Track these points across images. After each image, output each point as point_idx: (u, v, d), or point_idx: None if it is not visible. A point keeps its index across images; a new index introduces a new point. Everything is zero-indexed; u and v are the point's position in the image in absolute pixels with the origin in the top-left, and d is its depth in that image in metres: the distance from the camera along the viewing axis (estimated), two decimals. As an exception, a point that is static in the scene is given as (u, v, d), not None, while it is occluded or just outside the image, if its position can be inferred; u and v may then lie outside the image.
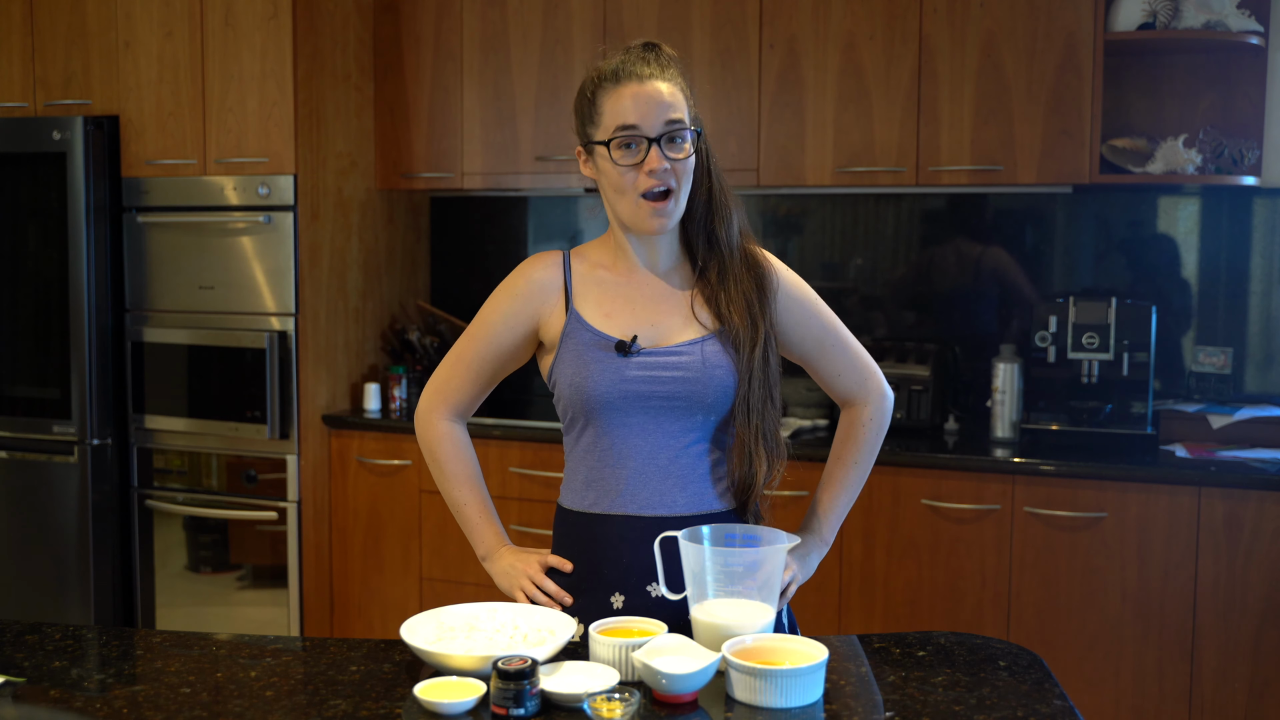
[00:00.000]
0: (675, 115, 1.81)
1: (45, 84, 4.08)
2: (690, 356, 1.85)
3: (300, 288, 3.87)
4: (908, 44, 3.52)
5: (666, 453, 1.85)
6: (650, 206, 1.80)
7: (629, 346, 1.84)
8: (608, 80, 1.83)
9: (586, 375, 1.83)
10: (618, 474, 1.85)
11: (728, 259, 1.88)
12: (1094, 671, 3.21)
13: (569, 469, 1.92)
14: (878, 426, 2.01)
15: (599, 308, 1.88)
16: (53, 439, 4.00)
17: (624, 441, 1.85)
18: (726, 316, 1.86)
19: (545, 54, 3.90)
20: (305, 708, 1.57)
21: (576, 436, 1.90)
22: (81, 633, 1.89)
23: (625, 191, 1.81)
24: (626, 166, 1.80)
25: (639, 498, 1.85)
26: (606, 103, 1.82)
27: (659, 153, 1.79)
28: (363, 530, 3.94)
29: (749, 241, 1.93)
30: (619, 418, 1.84)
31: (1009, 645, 1.80)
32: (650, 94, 1.80)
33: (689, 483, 1.86)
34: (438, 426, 2.03)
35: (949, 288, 3.85)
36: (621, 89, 1.81)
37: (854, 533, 3.40)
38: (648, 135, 1.79)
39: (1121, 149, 3.48)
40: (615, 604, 1.85)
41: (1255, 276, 3.59)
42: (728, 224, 1.89)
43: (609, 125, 1.81)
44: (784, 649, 1.60)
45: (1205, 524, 3.11)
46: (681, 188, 1.82)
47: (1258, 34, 3.36)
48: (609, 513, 1.86)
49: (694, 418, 1.85)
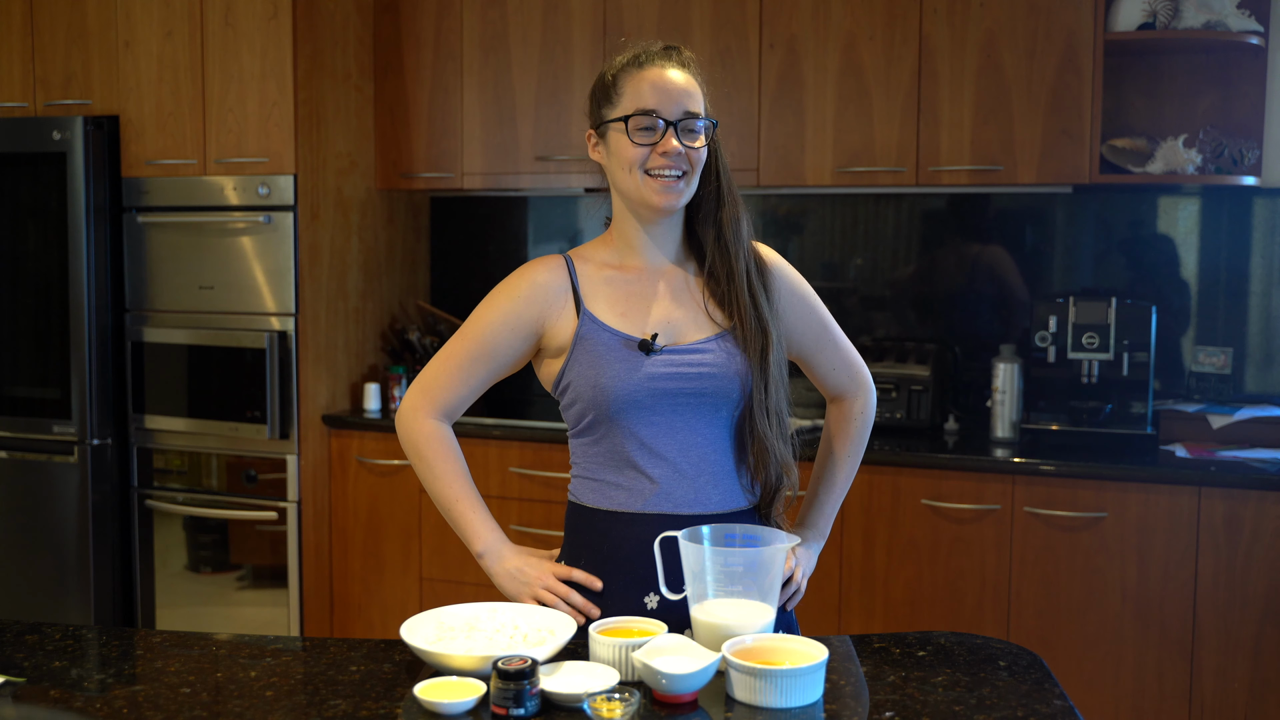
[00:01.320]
0: (693, 107, 1.84)
1: (45, 84, 4.09)
2: (712, 354, 1.85)
3: (300, 288, 3.87)
4: (908, 44, 3.52)
5: (698, 450, 1.85)
6: (660, 182, 1.82)
7: (652, 345, 1.84)
8: (631, 65, 1.86)
9: (610, 376, 1.82)
10: (650, 473, 1.84)
11: (735, 257, 1.89)
12: (1094, 671, 3.21)
13: (584, 468, 1.90)
14: (866, 420, 2.05)
15: (612, 307, 1.87)
16: (53, 439, 4.00)
17: (654, 441, 1.84)
18: (737, 316, 1.86)
19: (545, 54, 3.90)
20: (305, 708, 1.57)
21: (596, 438, 1.87)
22: (81, 633, 1.89)
23: (635, 169, 1.83)
24: (641, 145, 1.82)
25: (674, 496, 1.84)
26: (628, 85, 1.85)
27: (675, 137, 1.81)
28: (363, 530, 3.94)
29: (751, 239, 1.94)
30: (645, 416, 1.83)
31: (1009, 645, 1.80)
32: (671, 81, 1.84)
33: (720, 479, 1.86)
34: (424, 424, 1.94)
35: (949, 288, 3.85)
36: (644, 73, 1.84)
37: (854, 533, 3.40)
38: (666, 119, 1.82)
39: (1121, 149, 3.48)
40: (650, 604, 1.83)
41: (1255, 276, 3.59)
42: (736, 221, 1.90)
43: (628, 106, 1.83)
44: (784, 649, 1.60)
45: (1205, 524, 3.11)
46: (693, 174, 1.85)
47: (1258, 34, 3.36)
48: (643, 512, 1.84)
49: (720, 414, 1.86)
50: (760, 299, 1.88)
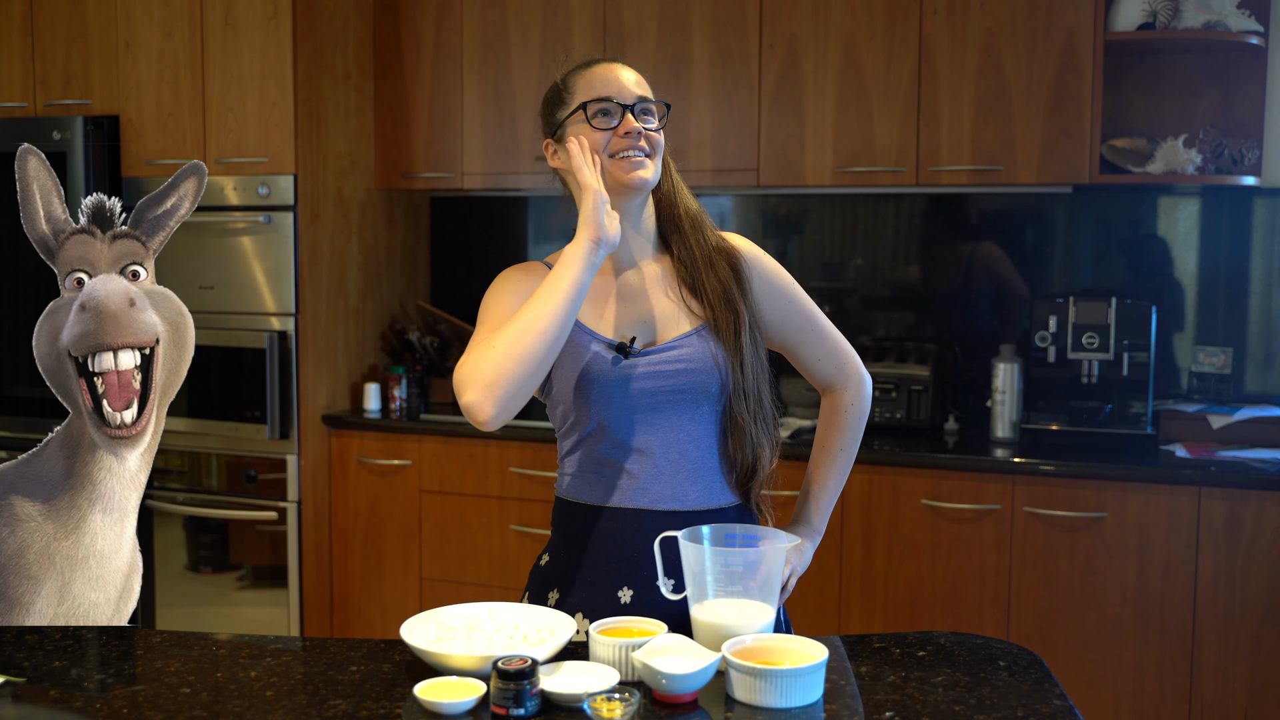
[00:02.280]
0: (645, 93, 1.89)
1: (45, 84, 4.08)
2: (691, 348, 1.86)
3: (300, 288, 3.87)
4: (908, 44, 3.52)
5: (678, 446, 1.86)
6: (629, 160, 1.84)
7: (629, 348, 1.84)
8: (578, 68, 1.92)
9: (590, 378, 1.83)
10: (631, 470, 1.85)
11: (698, 248, 1.92)
12: (1094, 671, 3.21)
13: (569, 462, 1.92)
14: (859, 411, 2.03)
15: (590, 309, 1.89)
16: (53, 439, 4.00)
17: (634, 438, 1.85)
18: (709, 306, 1.88)
19: (545, 54, 3.90)
20: (305, 708, 1.57)
21: (579, 436, 1.89)
22: (81, 633, 1.89)
23: (600, 154, 1.85)
24: (602, 129, 1.85)
25: (652, 492, 1.85)
26: (579, 83, 1.89)
27: (633, 119, 1.85)
28: (363, 530, 3.94)
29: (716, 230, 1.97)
30: (626, 415, 1.84)
31: (1009, 645, 1.80)
32: (620, 72, 1.89)
33: (700, 476, 1.87)
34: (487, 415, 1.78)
35: (949, 288, 3.85)
36: (593, 70, 1.90)
37: (854, 533, 3.40)
38: (622, 103, 1.85)
39: (1121, 149, 3.48)
40: (623, 598, 1.84)
41: (1255, 276, 3.59)
42: (690, 210, 1.94)
43: (583, 98, 1.87)
44: (784, 649, 1.60)
45: (1205, 524, 3.11)
46: (655, 156, 1.88)
47: (1258, 34, 3.36)
48: (622, 506, 1.86)
49: (701, 409, 1.86)
50: (729, 282, 1.90)
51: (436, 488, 3.84)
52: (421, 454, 3.85)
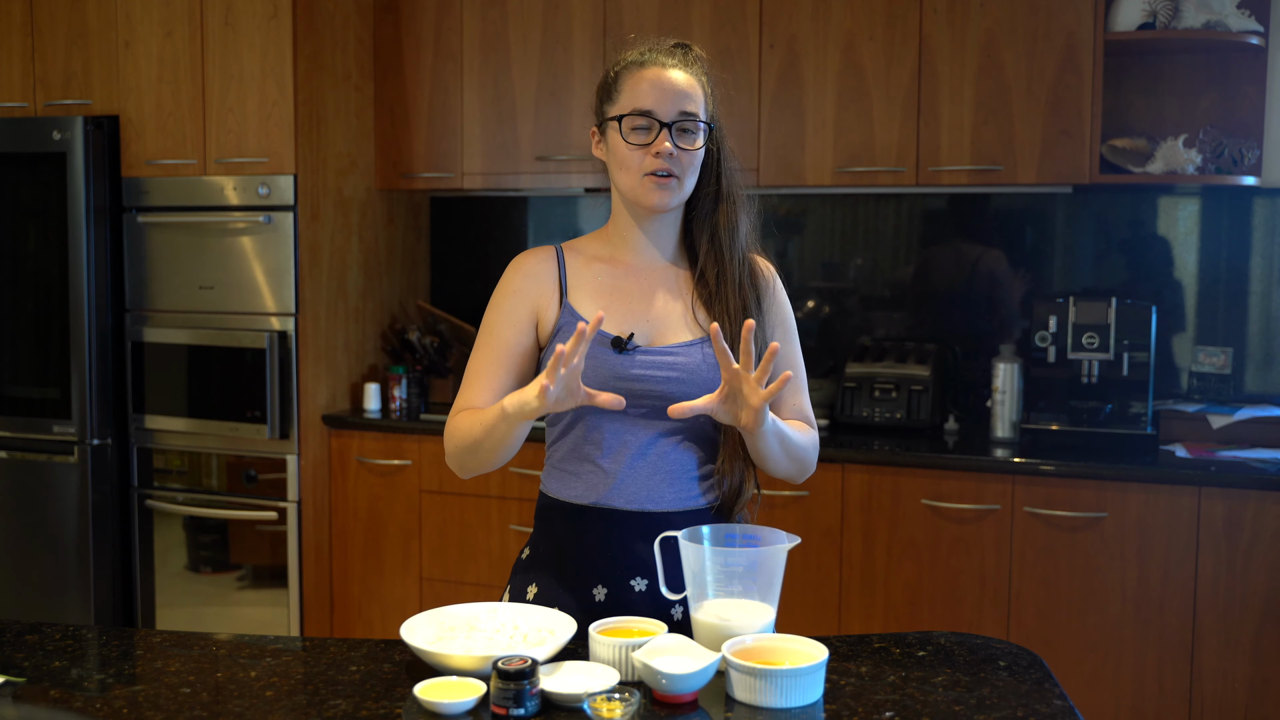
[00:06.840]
0: (690, 108, 1.84)
1: (45, 84, 4.08)
2: (687, 358, 1.85)
3: (300, 288, 3.87)
4: (908, 44, 3.52)
5: (657, 449, 1.86)
6: (653, 180, 1.82)
7: (625, 344, 1.84)
8: (633, 64, 1.87)
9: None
10: (607, 468, 1.85)
11: (728, 262, 1.89)
12: (1094, 671, 3.22)
13: (553, 457, 1.92)
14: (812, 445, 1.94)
15: (595, 300, 1.88)
16: (53, 439, 4.00)
17: (615, 436, 1.85)
18: (725, 319, 1.86)
19: (545, 54, 3.90)
20: (305, 708, 1.57)
21: (564, 429, 1.90)
22: (81, 633, 1.89)
23: (630, 168, 1.84)
24: (635, 145, 1.83)
25: (626, 492, 1.85)
26: (627, 83, 1.86)
27: (669, 138, 1.82)
28: (363, 530, 3.94)
29: (753, 250, 1.94)
30: (610, 412, 1.83)
31: (1009, 645, 1.80)
32: (669, 82, 1.84)
33: (675, 479, 1.87)
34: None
35: (949, 287, 3.85)
36: (643, 73, 1.85)
37: (854, 533, 3.40)
38: (661, 120, 1.82)
39: (1121, 149, 3.48)
40: (598, 596, 1.85)
41: (1255, 276, 3.59)
42: (732, 226, 1.90)
43: (625, 105, 1.84)
44: (784, 649, 1.60)
45: (1205, 524, 3.11)
46: (686, 176, 1.85)
47: (1258, 34, 3.36)
48: (596, 505, 1.86)
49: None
50: (750, 305, 1.88)
51: (436, 488, 3.84)
52: (421, 454, 3.85)
